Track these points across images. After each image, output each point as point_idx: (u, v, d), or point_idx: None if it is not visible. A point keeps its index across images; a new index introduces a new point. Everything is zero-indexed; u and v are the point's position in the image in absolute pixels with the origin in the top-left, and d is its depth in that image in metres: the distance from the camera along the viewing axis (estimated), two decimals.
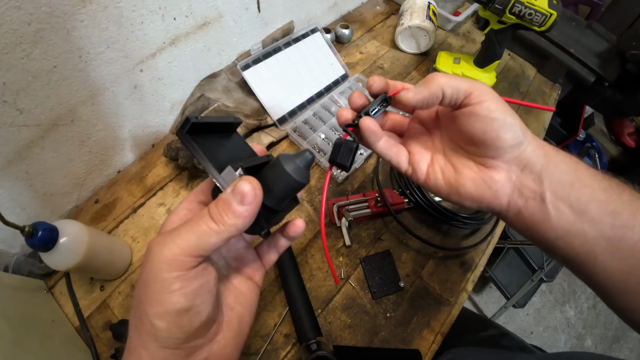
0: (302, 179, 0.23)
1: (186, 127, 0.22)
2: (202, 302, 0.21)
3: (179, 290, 0.20)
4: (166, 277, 0.20)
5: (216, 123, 0.25)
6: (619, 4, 1.51)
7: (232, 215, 0.20)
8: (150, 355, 0.21)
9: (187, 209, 0.25)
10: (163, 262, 0.20)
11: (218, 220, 0.20)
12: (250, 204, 0.21)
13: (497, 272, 1.24)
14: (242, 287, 0.27)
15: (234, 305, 0.26)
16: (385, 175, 0.66)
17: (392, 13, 0.97)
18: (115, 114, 0.55)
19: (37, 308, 0.45)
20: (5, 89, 0.39)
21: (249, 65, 0.66)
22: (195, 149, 0.23)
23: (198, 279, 0.21)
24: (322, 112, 0.70)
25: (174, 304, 0.20)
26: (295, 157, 0.24)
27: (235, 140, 0.28)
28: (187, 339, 0.21)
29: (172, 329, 0.20)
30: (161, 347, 0.21)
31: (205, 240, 0.20)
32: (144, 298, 0.21)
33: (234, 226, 0.21)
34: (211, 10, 0.58)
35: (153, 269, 0.20)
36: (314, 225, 0.58)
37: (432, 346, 0.49)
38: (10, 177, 0.46)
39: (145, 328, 0.21)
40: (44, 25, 0.39)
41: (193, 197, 0.26)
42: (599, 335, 1.47)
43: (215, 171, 0.22)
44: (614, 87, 0.85)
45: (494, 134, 0.27)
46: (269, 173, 0.24)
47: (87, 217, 0.56)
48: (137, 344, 0.21)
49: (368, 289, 0.53)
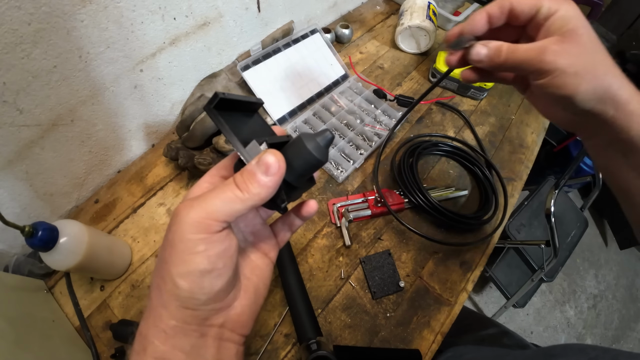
0: (321, 156, 0.24)
1: (214, 102, 0.23)
2: (223, 265, 0.22)
3: (203, 252, 0.21)
4: (191, 238, 0.21)
5: (241, 101, 0.26)
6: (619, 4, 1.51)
7: (256, 184, 0.21)
8: (170, 314, 0.22)
9: (209, 182, 0.26)
10: (190, 224, 0.21)
11: (243, 188, 0.21)
12: (274, 174, 0.21)
13: (497, 272, 1.24)
14: (258, 261, 0.28)
15: (250, 276, 0.27)
16: (386, 175, 0.66)
17: (392, 13, 0.97)
18: (116, 113, 0.55)
19: (37, 308, 0.45)
20: (5, 88, 0.39)
21: (249, 66, 0.66)
22: (222, 123, 0.24)
23: (222, 243, 0.22)
24: (322, 112, 0.70)
25: (197, 264, 0.21)
26: (316, 136, 0.24)
27: (256, 120, 0.29)
28: (207, 301, 0.22)
29: (194, 289, 0.21)
30: (181, 307, 0.22)
31: (230, 206, 0.21)
32: (169, 258, 0.21)
33: (258, 195, 0.21)
34: (211, 10, 0.58)
35: (179, 230, 0.21)
36: (314, 225, 0.58)
37: (432, 346, 0.49)
38: (10, 177, 0.46)
39: (167, 287, 0.21)
40: (44, 25, 0.39)
41: (215, 172, 0.27)
42: (599, 335, 1.47)
43: (240, 145, 0.23)
44: None
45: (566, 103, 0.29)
46: (290, 149, 0.25)
47: (87, 217, 0.56)
48: (158, 303, 0.22)
49: (368, 289, 0.53)
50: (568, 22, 0.28)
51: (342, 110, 0.71)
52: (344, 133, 0.68)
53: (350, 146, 0.66)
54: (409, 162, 0.63)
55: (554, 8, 0.29)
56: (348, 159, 0.65)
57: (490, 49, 0.31)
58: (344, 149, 0.66)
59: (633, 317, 1.55)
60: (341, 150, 0.66)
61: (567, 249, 1.21)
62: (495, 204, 0.62)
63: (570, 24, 0.28)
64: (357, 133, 0.68)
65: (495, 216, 0.61)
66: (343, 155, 0.66)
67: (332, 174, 0.63)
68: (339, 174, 0.63)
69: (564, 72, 0.27)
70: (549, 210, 0.82)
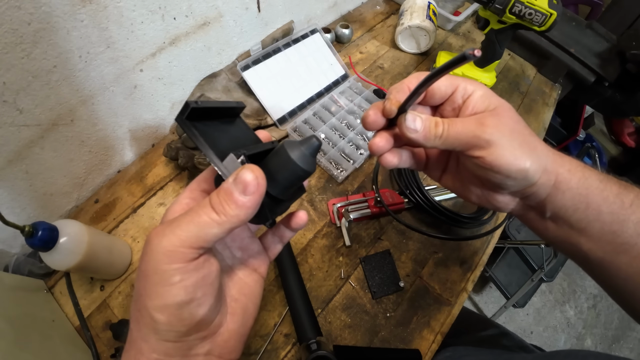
0: (308, 166, 0.22)
1: (186, 113, 0.21)
2: (203, 294, 0.21)
3: (179, 283, 0.20)
4: (165, 269, 0.19)
5: (218, 108, 0.24)
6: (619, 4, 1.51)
7: (234, 205, 0.19)
8: (150, 347, 0.21)
9: (189, 197, 0.24)
10: (162, 253, 0.19)
11: (219, 210, 0.20)
12: (253, 194, 0.20)
13: (497, 272, 1.24)
14: (247, 279, 0.27)
15: (238, 297, 0.25)
16: (385, 175, 0.66)
17: (392, 13, 0.97)
18: (116, 113, 0.55)
19: (37, 308, 0.45)
20: (5, 88, 0.39)
21: (249, 66, 0.66)
22: (196, 135, 0.21)
23: (199, 271, 0.20)
24: (322, 112, 0.70)
25: (174, 297, 0.20)
26: (300, 144, 0.22)
27: (238, 126, 0.26)
28: (189, 331, 0.21)
29: (173, 322, 0.20)
30: (161, 340, 0.20)
31: (206, 232, 0.20)
32: (143, 290, 0.20)
33: (236, 217, 0.20)
34: (211, 10, 0.58)
35: (152, 261, 0.20)
36: (314, 225, 0.58)
37: (432, 346, 0.49)
38: (10, 177, 0.46)
39: (145, 321, 0.20)
40: (44, 25, 0.39)
41: (195, 186, 0.25)
42: (599, 335, 1.47)
43: (217, 159, 0.21)
44: (614, 87, 0.85)
45: (498, 181, 0.28)
46: (273, 160, 0.22)
47: (87, 217, 0.56)
48: (138, 336, 0.21)
49: (368, 288, 0.53)
50: (491, 101, 0.28)
51: (342, 110, 0.71)
52: (344, 133, 0.68)
53: (350, 146, 0.66)
54: None
55: (470, 89, 0.28)
56: (348, 159, 0.65)
57: (425, 119, 0.27)
58: (344, 149, 0.66)
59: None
60: (341, 150, 0.66)
61: None
62: None
63: (494, 103, 0.28)
64: (357, 133, 0.68)
65: (495, 216, 0.61)
66: (343, 155, 0.66)
67: (332, 174, 0.63)
68: (339, 174, 0.63)
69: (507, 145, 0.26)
70: None
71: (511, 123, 0.27)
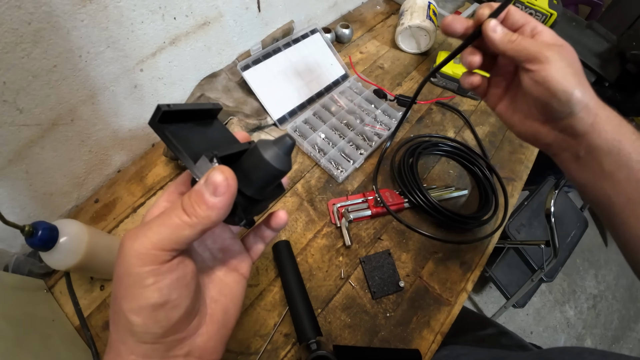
0: (282, 166, 0.22)
1: (157, 116, 0.21)
2: (178, 296, 0.21)
3: (152, 285, 0.20)
4: (138, 271, 0.19)
5: (192, 110, 0.24)
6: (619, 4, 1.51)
7: (204, 206, 0.20)
8: (128, 349, 0.21)
9: (167, 200, 0.25)
10: (134, 256, 0.20)
11: (190, 212, 0.20)
12: (224, 194, 0.20)
13: (497, 272, 1.24)
14: (227, 279, 0.27)
15: (218, 298, 0.25)
16: (386, 175, 0.66)
17: (393, 13, 0.97)
18: (116, 113, 0.55)
19: (37, 307, 0.45)
20: (6, 88, 0.39)
21: (249, 66, 0.66)
22: (168, 138, 0.21)
23: (173, 273, 0.20)
24: (322, 112, 0.70)
25: (147, 299, 0.20)
26: (274, 144, 0.22)
27: (216, 128, 0.26)
28: (165, 333, 0.21)
29: (149, 324, 0.20)
30: (139, 342, 0.21)
31: (177, 234, 0.20)
32: (119, 293, 0.20)
33: (207, 218, 0.20)
34: (211, 9, 0.58)
35: (125, 264, 0.20)
36: (314, 225, 0.58)
37: (432, 346, 0.49)
38: (10, 177, 0.46)
39: (122, 323, 0.20)
40: (44, 25, 0.39)
41: (174, 189, 0.25)
42: (599, 335, 1.47)
43: (190, 161, 0.21)
44: (614, 87, 0.86)
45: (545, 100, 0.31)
46: (247, 161, 0.23)
47: (87, 216, 0.56)
48: (116, 338, 0.21)
49: (368, 288, 0.53)
50: (556, 38, 0.33)
51: (342, 110, 0.71)
52: (344, 133, 0.68)
53: (350, 146, 0.66)
54: (408, 162, 0.63)
55: (540, 28, 0.33)
56: (348, 159, 0.65)
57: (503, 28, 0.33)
58: (344, 149, 0.66)
59: (633, 318, 1.55)
60: (341, 150, 0.66)
61: (567, 249, 1.21)
62: (495, 204, 0.62)
63: (561, 41, 0.33)
64: (357, 133, 0.68)
65: (495, 216, 0.61)
66: (343, 155, 0.66)
67: (332, 174, 0.63)
68: (339, 174, 0.63)
69: (561, 68, 0.30)
70: (548, 210, 0.82)
71: (571, 58, 0.31)
